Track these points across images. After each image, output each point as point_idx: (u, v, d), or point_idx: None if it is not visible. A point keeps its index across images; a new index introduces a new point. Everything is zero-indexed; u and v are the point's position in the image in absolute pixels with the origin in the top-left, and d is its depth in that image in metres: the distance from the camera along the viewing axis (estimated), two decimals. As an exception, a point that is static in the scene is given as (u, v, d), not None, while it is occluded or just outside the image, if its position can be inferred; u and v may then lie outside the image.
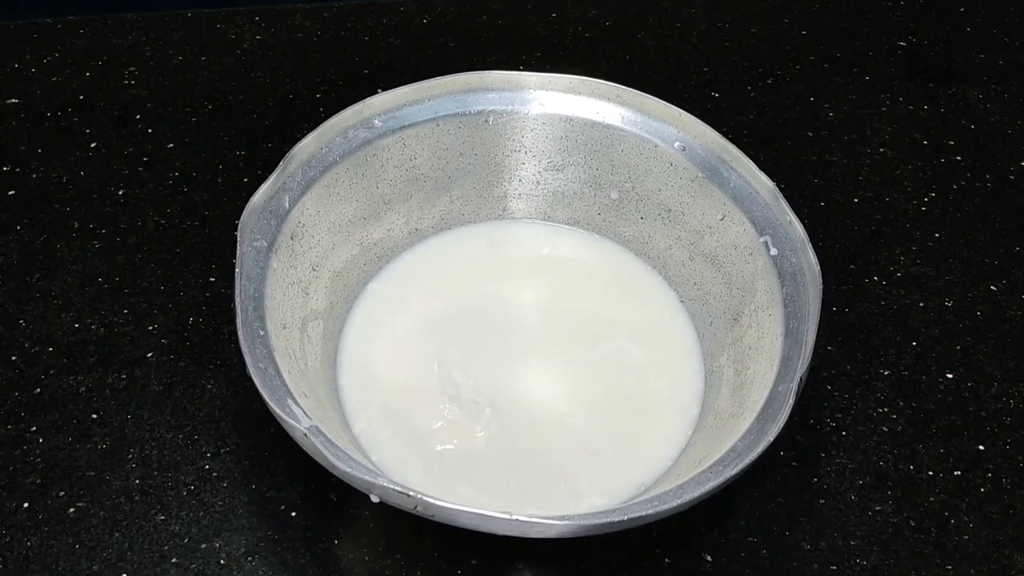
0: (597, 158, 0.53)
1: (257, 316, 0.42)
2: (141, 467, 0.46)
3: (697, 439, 0.46)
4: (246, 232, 0.44)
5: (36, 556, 0.43)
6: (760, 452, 0.39)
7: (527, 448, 0.46)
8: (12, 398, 0.49)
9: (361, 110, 0.50)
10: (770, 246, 0.47)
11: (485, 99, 0.52)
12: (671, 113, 0.51)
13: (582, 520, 0.37)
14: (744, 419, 0.42)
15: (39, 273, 0.54)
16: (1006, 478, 0.48)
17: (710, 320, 0.50)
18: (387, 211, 0.52)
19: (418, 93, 0.51)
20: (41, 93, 0.65)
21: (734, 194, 0.49)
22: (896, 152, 0.65)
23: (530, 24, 0.73)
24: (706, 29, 0.73)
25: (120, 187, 0.59)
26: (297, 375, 0.42)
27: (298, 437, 0.38)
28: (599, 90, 0.52)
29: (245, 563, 0.43)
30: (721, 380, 0.48)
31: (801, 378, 0.41)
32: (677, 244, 0.52)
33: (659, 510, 0.37)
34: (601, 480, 0.45)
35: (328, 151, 0.49)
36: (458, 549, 0.44)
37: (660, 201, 0.52)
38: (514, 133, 0.53)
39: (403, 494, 0.36)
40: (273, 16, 0.72)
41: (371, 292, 0.52)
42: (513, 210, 0.56)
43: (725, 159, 0.50)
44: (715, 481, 0.38)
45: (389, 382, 0.48)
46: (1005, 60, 0.73)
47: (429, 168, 0.53)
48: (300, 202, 0.47)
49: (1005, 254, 0.59)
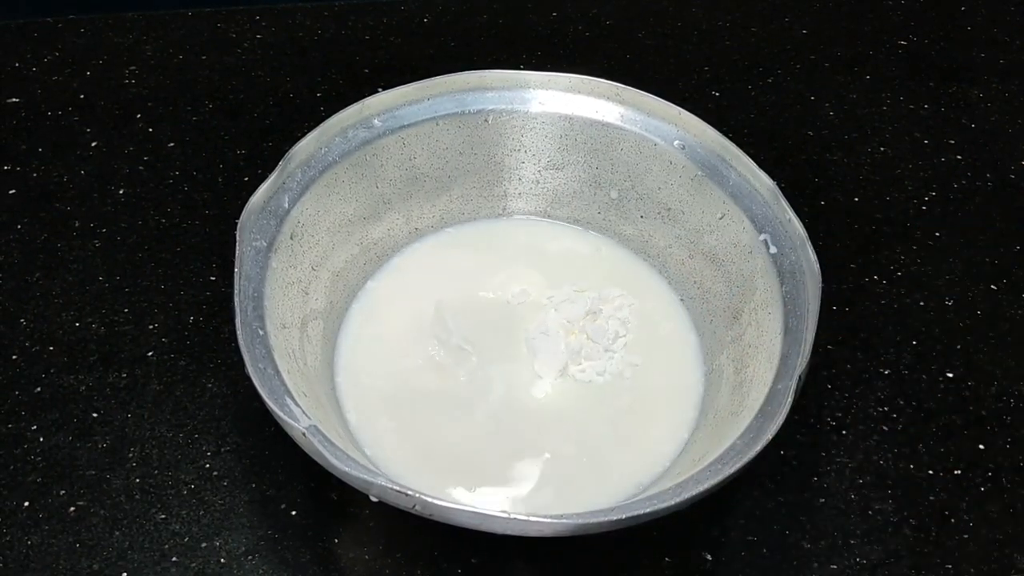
0: (597, 157, 0.53)
1: (256, 316, 0.42)
2: (141, 466, 0.46)
3: (697, 437, 0.46)
4: (246, 232, 0.44)
5: (36, 555, 0.43)
6: (759, 450, 0.39)
7: (526, 447, 0.46)
8: (13, 397, 0.49)
9: (360, 110, 0.50)
10: (770, 244, 0.47)
11: (484, 98, 0.52)
12: (671, 112, 0.51)
13: (582, 520, 0.37)
14: (743, 417, 0.42)
15: (40, 272, 0.54)
16: (1006, 477, 0.48)
17: (710, 318, 0.50)
18: (387, 210, 0.52)
19: (418, 92, 0.51)
20: (41, 92, 0.65)
21: (734, 192, 0.49)
22: (896, 151, 0.65)
23: (530, 24, 0.73)
24: (706, 28, 0.73)
25: (120, 186, 0.59)
26: (296, 374, 0.42)
27: (297, 436, 0.38)
28: (599, 89, 0.52)
29: (245, 562, 0.44)
30: (721, 378, 0.48)
31: (800, 376, 0.41)
32: (677, 243, 0.52)
33: (659, 509, 0.37)
34: (600, 479, 0.45)
35: (328, 151, 0.49)
36: (458, 549, 0.44)
37: (660, 200, 0.52)
38: (513, 132, 0.53)
39: (402, 493, 0.36)
40: (273, 15, 0.72)
41: (371, 291, 0.52)
42: (513, 209, 0.56)
43: (725, 157, 0.50)
44: (713, 480, 0.38)
45: (388, 381, 0.48)
46: (1005, 60, 0.73)
47: (429, 167, 0.53)
48: (300, 202, 0.47)
49: (1005, 254, 0.59)
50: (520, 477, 0.45)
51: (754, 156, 0.49)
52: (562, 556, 0.44)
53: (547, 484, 0.45)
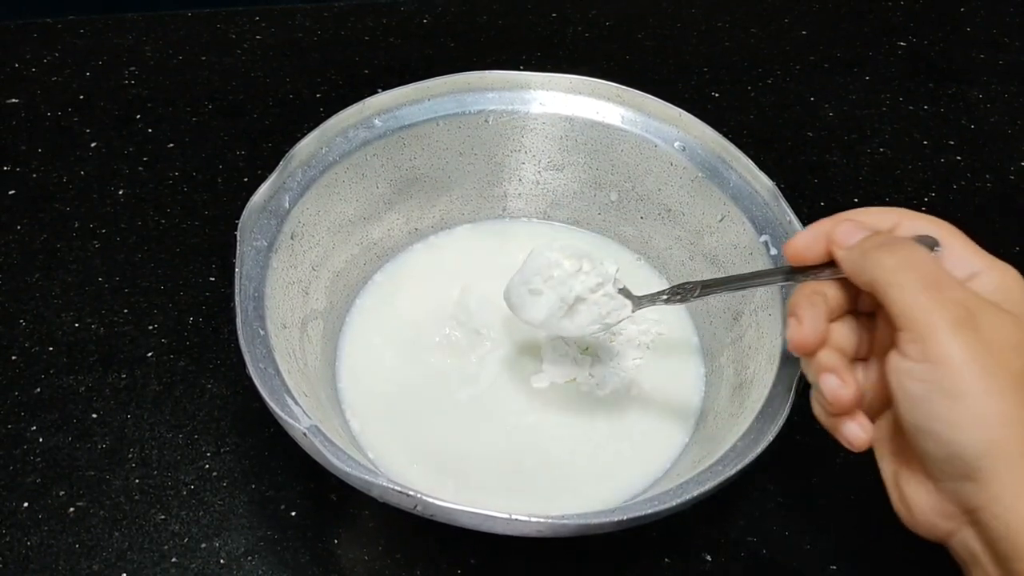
0: (597, 158, 0.53)
1: (257, 316, 0.42)
2: (141, 466, 0.46)
3: (697, 438, 0.46)
4: (246, 232, 0.44)
5: (36, 555, 0.43)
6: (759, 452, 0.39)
7: (526, 447, 0.46)
8: (12, 397, 0.49)
9: (361, 110, 0.50)
10: (770, 246, 0.47)
11: (485, 99, 0.52)
12: (671, 113, 0.51)
13: (582, 520, 0.37)
14: (744, 419, 0.42)
15: (39, 272, 0.54)
16: (1006, 478, 0.48)
17: (710, 319, 0.50)
18: (387, 211, 0.52)
19: (418, 93, 0.51)
20: (41, 93, 0.65)
21: (734, 194, 0.49)
22: (896, 152, 0.65)
23: (530, 24, 0.73)
24: (706, 29, 0.73)
25: (120, 187, 0.59)
26: (297, 374, 0.42)
27: (297, 436, 0.38)
28: (599, 90, 0.52)
29: (245, 562, 0.44)
30: (721, 379, 0.48)
31: (800, 377, 0.41)
32: (677, 244, 0.52)
33: (659, 510, 0.37)
34: (601, 480, 0.45)
35: (328, 151, 0.49)
36: (458, 549, 0.44)
37: (660, 201, 0.52)
38: (514, 133, 0.53)
39: (403, 493, 0.36)
40: (273, 16, 0.72)
41: (371, 291, 0.52)
42: (513, 210, 0.56)
43: (725, 159, 0.50)
44: (714, 481, 0.38)
45: (388, 381, 0.48)
46: (1005, 60, 0.73)
47: (429, 168, 0.53)
48: (300, 202, 0.47)
49: (1005, 254, 0.59)
50: (521, 478, 0.45)
51: (754, 157, 0.49)
52: (562, 556, 0.44)
53: (548, 485, 0.45)
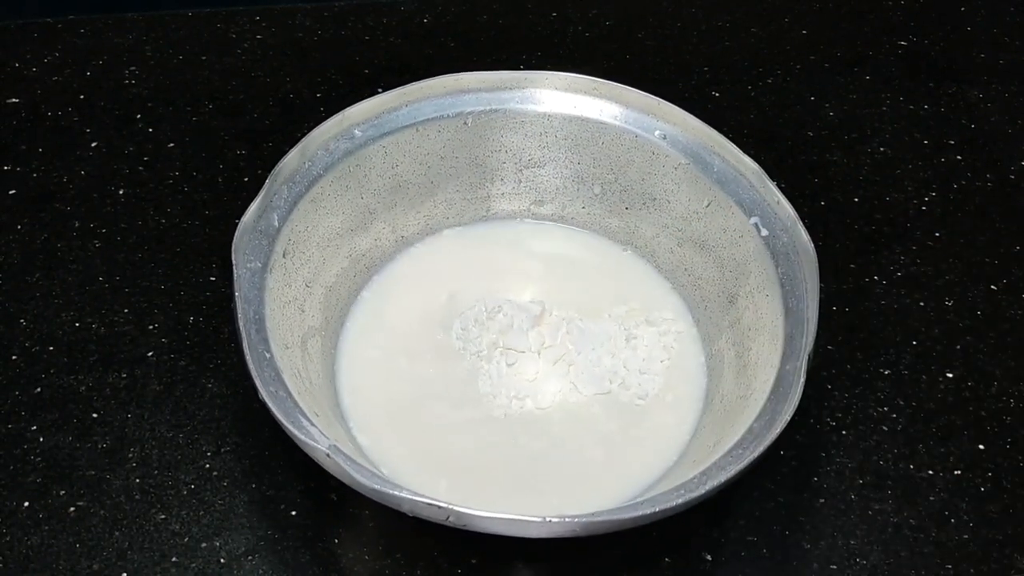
0: (578, 152, 0.53)
1: (261, 339, 0.42)
2: (141, 466, 0.46)
3: (706, 423, 0.46)
4: (240, 253, 0.44)
5: (36, 555, 0.43)
6: (779, 433, 0.39)
7: (526, 446, 0.46)
8: (13, 397, 0.49)
9: (341, 121, 0.49)
10: (760, 227, 0.47)
11: (463, 100, 0.52)
12: (649, 103, 0.51)
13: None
14: (754, 400, 0.42)
15: (40, 272, 0.54)
16: (1006, 478, 0.48)
17: (704, 304, 0.51)
18: (373, 220, 0.52)
19: (397, 99, 0.51)
20: (42, 93, 0.65)
21: (719, 179, 0.49)
22: (896, 152, 0.65)
23: (530, 24, 0.73)
24: (706, 29, 0.73)
25: (121, 187, 0.59)
26: (306, 394, 0.42)
27: (320, 458, 0.38)
28: (576, 84, 0.52)
29: (245, 562, 0.44)
30: (723, 363, 0.48)
31: (809, 355, 0.41)
32: (664, 232, 0.52)
33: (689, 498, 0.38)
34: (602, 478, 0.45)
35: (311, 165, 0.48)
36: (458, 549, 0.44)
37: (643, 190, 0.52)
38: (493, 133, 0.53)
39: (434, 506, 0.37)
40: (273, 16, 0.72)
41: (363, 303, 0.52)
42: (497, 210, 0.56)
43: (708, 145, 0.50)
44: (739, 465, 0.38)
45: (390, 393, 0.48)
46: (1005, 60, 0.72)
47: (412, 174, 0.52)
48: (289, 219, 0.47)
49: (1005, 254, 0.59)
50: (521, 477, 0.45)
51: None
52: (562, 556, 0.44)
53: (547, 484, 0.45)
